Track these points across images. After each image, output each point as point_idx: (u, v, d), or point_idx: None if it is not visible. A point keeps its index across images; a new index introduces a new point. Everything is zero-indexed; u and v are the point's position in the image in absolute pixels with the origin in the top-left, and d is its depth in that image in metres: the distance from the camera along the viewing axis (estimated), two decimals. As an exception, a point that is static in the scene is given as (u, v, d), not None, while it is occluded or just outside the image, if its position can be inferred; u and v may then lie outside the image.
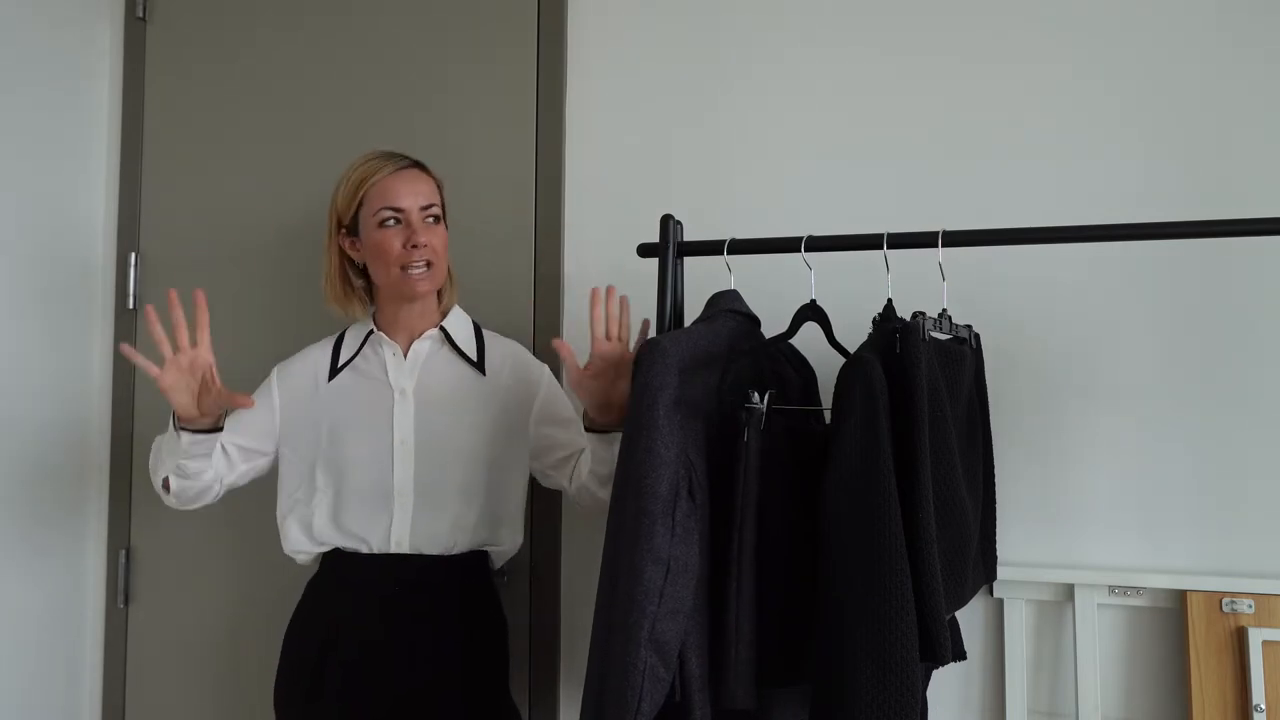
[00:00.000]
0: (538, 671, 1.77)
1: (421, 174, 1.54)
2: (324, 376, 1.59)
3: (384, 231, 1.49)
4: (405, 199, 1.49)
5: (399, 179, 1.51)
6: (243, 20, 2.02)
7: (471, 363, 1.57)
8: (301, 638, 1.55)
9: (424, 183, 1.53)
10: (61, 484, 1.99)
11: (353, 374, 1.57)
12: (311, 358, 1.62)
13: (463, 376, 1.56)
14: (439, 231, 1.53)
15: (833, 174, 1.69)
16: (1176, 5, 1.56)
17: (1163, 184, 1.55)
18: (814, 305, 1.35)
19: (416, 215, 1.50)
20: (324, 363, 1.60)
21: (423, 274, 1.50)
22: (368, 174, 1.52)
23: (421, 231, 1.49)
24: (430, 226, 1.51)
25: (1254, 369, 1.50)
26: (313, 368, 1.60)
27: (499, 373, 1.58)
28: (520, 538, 1.61)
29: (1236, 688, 1.43)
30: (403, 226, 1.49)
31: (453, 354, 1.57)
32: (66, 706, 2.00)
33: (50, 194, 1.97)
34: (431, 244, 1.50)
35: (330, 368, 1.59)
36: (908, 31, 1.67)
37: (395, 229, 1.49)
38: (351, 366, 1.58)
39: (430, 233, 1.50)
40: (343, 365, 1.58)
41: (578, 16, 1.84)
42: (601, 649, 1.12)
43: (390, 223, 1.49)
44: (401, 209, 1.49)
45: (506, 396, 1.57)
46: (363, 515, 1.51)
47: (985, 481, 1.47)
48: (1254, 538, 1.49)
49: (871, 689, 1.04)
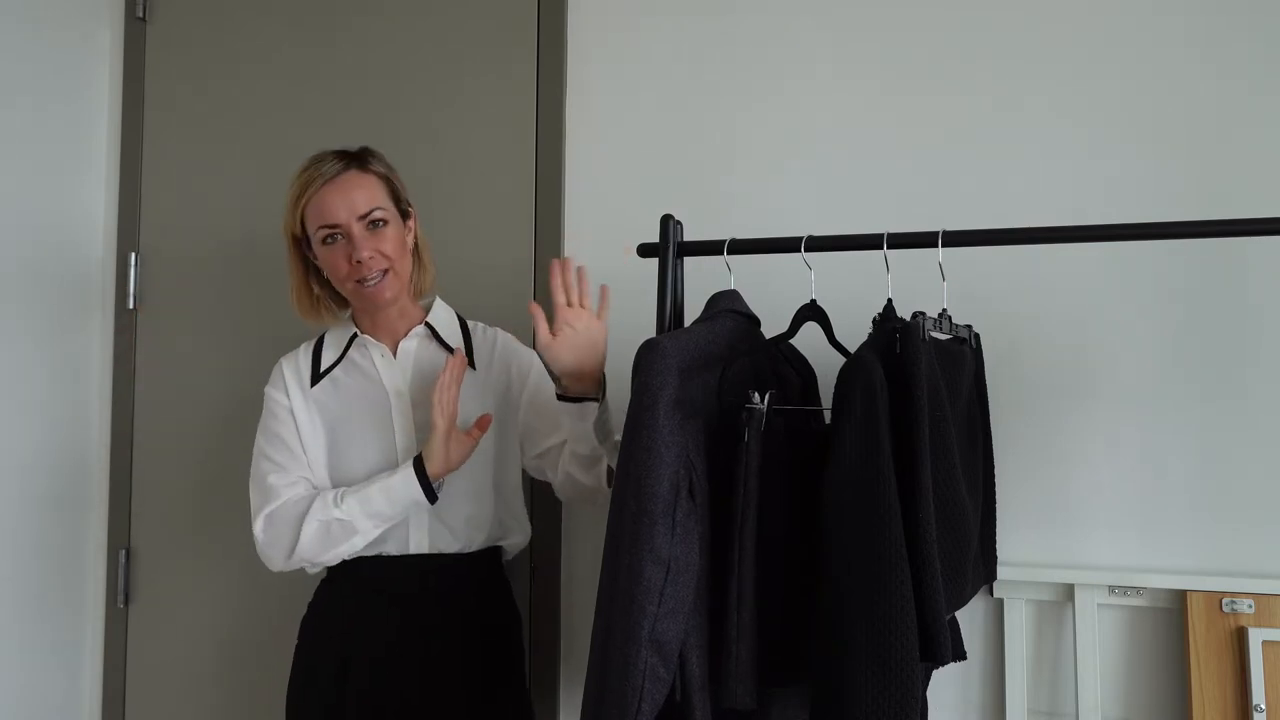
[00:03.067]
0: (537, 670, 1.77)
1: (358, 175, 1.46)
2: (306, 383, 1.55)
3: (328, 249, 1.46)
4: (340, 213, 1.43)
5: (332, 190, 1.44)
6: (243, 20, 2.02)
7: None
8: (318, 640, 1.53)
9: (360, 188, 1.45)
10: (61, 484, 1.99)
11: (342, 378, 1.54)
12: (293, 362, 1.57)
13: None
14: (387, 235, 1.46)
15: (833, 174, 1.69)
16: (1177, 4, 1.56)
17: (1163, 184, 1.55)
18: (814, 305, 1.35)
19: (357, 227, 1.44)
20: (305, 367, 1.56)
21: (378, 283, 1.45)
22: (302, 188, 1.46)
23: (364, 244, 1.43)
24: (375, 233, 1.45)
25: (1254, 369, 1.50)
26: (295, 374, 1.56)
27: (489, 365, 1.57)
28: (528, 528, 1.62)
29: (1236, 688, 1.43)
30: (344, 242, 1.44)
31: (440, 349, 1.55)
32: (66, 706, 2.00)
33: (50, 194, 1.97)
34: (380, 251, 1.44)
35: (312, 373, 1.55)
36: (907, 32, 1.67)
37: (339, 245, 1.44)
38: (339, 369, 1.55)
39: (376, 239, 1.44)
40: (326, 370, 1.55)
41: (578, 17, 1.84)
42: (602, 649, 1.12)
43: (331, 239, 1.45)
44: (338, 224, 1.44)
45: (498, 387, 1.56)
46: None
47: (985, 481, 1.47)
48: (1254, 538, 1.48)
49: (871, 689, 1.04)
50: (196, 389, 2.00)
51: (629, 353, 1.79)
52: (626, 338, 1.77)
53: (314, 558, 1.46)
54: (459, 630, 1.49)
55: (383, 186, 1.49)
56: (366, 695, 1.46)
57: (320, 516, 1.43)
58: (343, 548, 1.45)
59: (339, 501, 1.43)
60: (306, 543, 1.43)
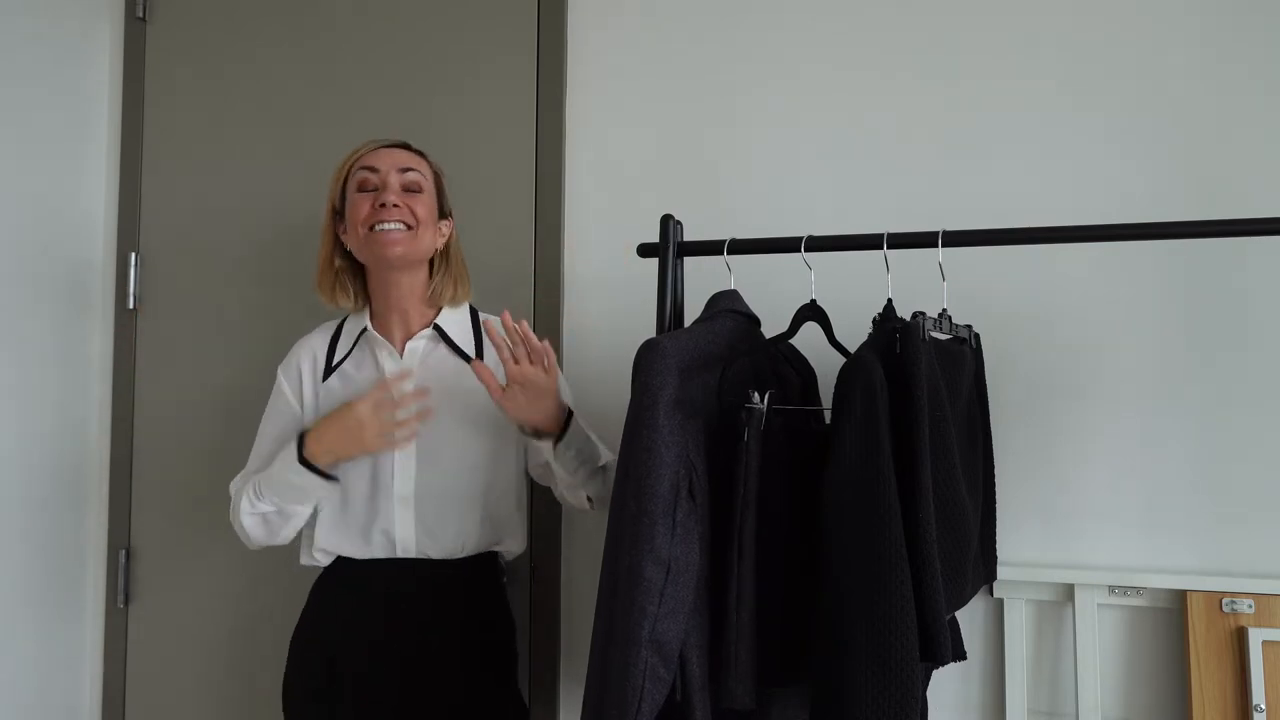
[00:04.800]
0: (537, 671, 1.77)
1: (410, 152, 1.53)
2: (320, 373, 1.56)
3: (359, 195, 1.49)
4: (382, 161, 1.49)
5: (382, 150, 1.51)
6: (243, 20, 2.02)
7: (469, 360, 1.53)
8: (310, 641, 1.53)
9: (408, 156, 1.52)
10: (61, 484, 1.99)
11: (352, 373, 1.54)
12: (310, 348, 1.59)
13: (460, 376, 1.53)
14: (420, 200, 1.49)
15: (833, 174, 1.69)
16: (1177, 4, 1.56)
17: (1163, 184, 1.55)
18: (814, 305, 1.35)
19: (393, 177, 1.48)
20: (320, 357, 1.57)
21: (393, 232, 1.46)
22: (353, 153, 1.53)
23: (393, 192, 1.47)
24: (409, 194, 1.49)
25: (1254, 369, 1.50)
26: (311, 363, 1.57)
27: (497, 369, 1.55)
28: (524, 535, 1.59)
29: (1236, 688, 1.43)
30: (376, 191, 1.48)
31: (449, 352, 1.54)
32: (66, 706, 2.00)
33: (50, 194, 1.97)
34: (407, 206, 1.47)
35: (326, 365, 1.56)
36: (907, 32, 1.67)
37: (369, 194, 1.48)
38: (349, 363, 1.55)
39: (406, 198, 1.48)
40: (337, 364, 1.55)
41: (578, 17, 1.84)
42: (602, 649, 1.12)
43: (365, 187, 1.48)
44: (376, 168, 1.48)
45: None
46: (366, 521, 1.50)
47: (985, 481, 1.47)
48: (1254, 538, 1.49)
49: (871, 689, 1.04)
50: (196, 389, 2.00)
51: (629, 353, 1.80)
52: (626, 338, 1.78)
53: (270, 542, 1.52)
54: (446, 632, 1.48)
55: (430, 171, 1.55)
56: (353, 696, 1.46)
57: (250, 512, 1.49)
58: (288, 530, 1.51)
59: (259, 495, 1.48)
60: (256, 535, 1.51)
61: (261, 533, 1.51)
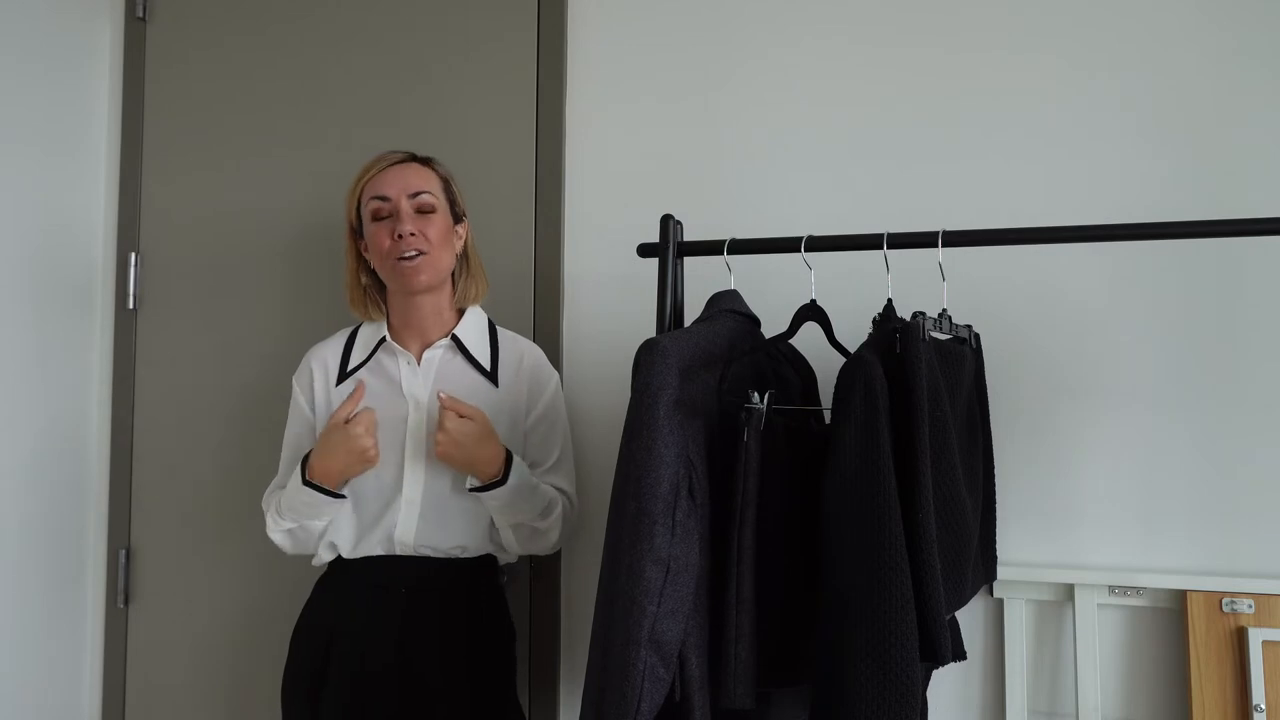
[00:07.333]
0: (537, 671, 1.77)
1: (418, 166, 1.53)
2: (333, 379, 1.57)
3: (375, 225, 1.50)
4: (391, 188, 1.49)
5: (390, 172, 1.51)
6: (243, 20, 2.02)
7: (485, 373, 1.55)
8: (308, 638, 1.54)
9: (416, 174, 1.52)
10: (61, 484, 1.99)
11: (369, 380, 1.55)
12: (322, 356, 1.60)
13: (475, 388, 1.54)
14: (433, 221, 1.50)
15: (832, 173, 1.69)
16: (1177, 4, 1.56)
17: (1163, 183, 1.55)
18: (814, 305, 1.35)
19: (404, 204, 1.49)
20: (334, 364, 1.59)
21: (414, 262, 1.47)
22: (363, 173, 1.53)
23: (408, 220, 1.48)
24: (422, 217, 1.50)
25: (1254, 369, 1.50)
26: (323, 369, 1.59)
27: (512, 384, 1.56)
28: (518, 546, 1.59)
29: (1236, 688, 1.43)
30: (390, 220, 1.49)
31: (466, 364, 1.55)
32: (66, 706, 2.00)
33: (50, 194, 1.97)
34: (422, 232, 1.48)
35: (340, 370, 1.58)
36: (907, 31, 1.67)
37: (384, 222, 1.49)
38: (365, 371, 1.56)
39: (421, 221, 1.49)
40: (352, 370, 1.56)
41: (578, 16, 1.84)
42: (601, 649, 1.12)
43: (379, 216, 1.50)
44: (387, 197, 1.49)
45: (514, 410, 1.56)
46: (371, 520, 1.51)
47: (985, 481, 1.47)
48: (1254, 538, 1.49)
49: (871, 689, 1.04)
50: (196, 389, 2.00)
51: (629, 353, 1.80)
52: (626, 338, 1.78)
53: (305, 552, 1.57)
54: (441, 635, 1.48)
55: (439, 182, 1.55)
56: (348, 694, 1.46)
57: (278, 529, 1.54)
58: (315, 541, 1.54)
59: (281, 515, 1.52)
60: (289, 548, 1.56)
61: (292, 545, 1.56)
